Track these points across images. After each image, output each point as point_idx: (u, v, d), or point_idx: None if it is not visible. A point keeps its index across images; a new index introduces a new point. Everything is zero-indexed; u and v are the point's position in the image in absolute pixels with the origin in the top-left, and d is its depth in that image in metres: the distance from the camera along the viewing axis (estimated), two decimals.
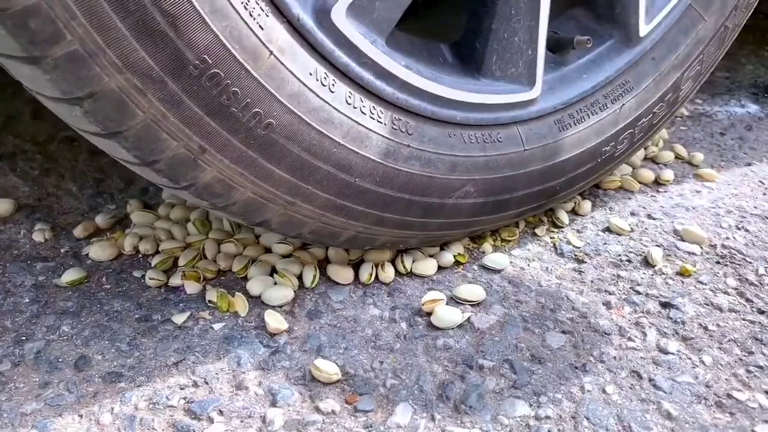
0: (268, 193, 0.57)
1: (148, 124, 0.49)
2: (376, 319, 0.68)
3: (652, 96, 0.79)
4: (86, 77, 0.46)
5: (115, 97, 0.47)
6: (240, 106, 0.51)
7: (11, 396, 0.58)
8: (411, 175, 0.63)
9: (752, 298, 0.72)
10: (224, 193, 0.56)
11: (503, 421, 0.57)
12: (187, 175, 0.54)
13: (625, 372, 0.62)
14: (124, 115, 0.48)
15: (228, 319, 0.67)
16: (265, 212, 0.59)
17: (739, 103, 1.25)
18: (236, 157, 0.53)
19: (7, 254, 0.77)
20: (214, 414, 0.57)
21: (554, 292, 0.72)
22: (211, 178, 0.54)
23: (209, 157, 0.53)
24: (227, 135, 0.52)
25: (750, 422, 0.57)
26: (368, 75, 0.58)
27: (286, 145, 0.55)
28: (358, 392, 0.59)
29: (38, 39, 0.43)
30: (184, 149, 0.52)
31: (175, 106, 0.49)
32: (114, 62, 0.45)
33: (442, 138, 0.64)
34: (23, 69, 0.46)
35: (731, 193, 0.93)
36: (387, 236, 0.68)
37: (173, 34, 0.46)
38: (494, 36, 0.67)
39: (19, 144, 0.99)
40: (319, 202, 0.60)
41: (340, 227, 0.64)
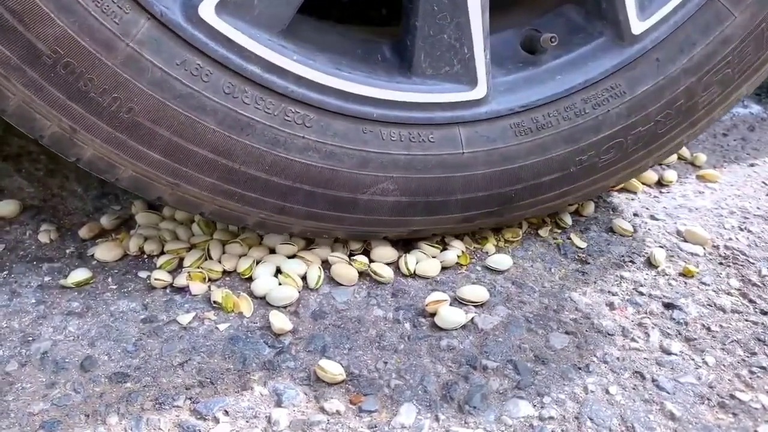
0: (149, 173, 0.62)
1: (21, 106, 0.56)
2: (380, 320, 0.68)
3: (654, 103, 0.72)
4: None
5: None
6: (98, 91, 0.56)
7: (18, 396, 0.58)
8: (308, 167, 0.64)
9: (755, 299, 0.72)
10: (108, 170, 0.62)
11: (507, 421, 0.57)
12: (70, 151, 0.60)
13: (628, 372, 0.62)
14: (1, 96, 0.56)
15: (233, 320, 0.68)
16: (154, 191, 0.64)
17: (741, 103, 1.25)
18: (106, 138, 0.59)
19: (13, 255, 0.77)
20: (220, 414, 0.57)
21: (557, 293, 0.72)
22: (91, 155, 0.60)
23: (82, 137, 0.58)
24: (92, 117, 0.57)
25: (753, 423, 0.57)
26: (254, 68, 0.60)
27: (153, 128, 0.59)
28: (363, 392, 0.60)
29: None
30: (59, 128, 0.58)
31: (38, 90, 0.55)
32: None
33: (353, 133, 0.65)
34: None
35: (734, 194, 0.93)
36: (300, 225, 0.69)
37: (22, 28, 0.52)
38: (420, 33, 0.65)
39: (24, 145, 1.00)
40: (204, 185, 0.63)
41: (240, 212, 0.66)
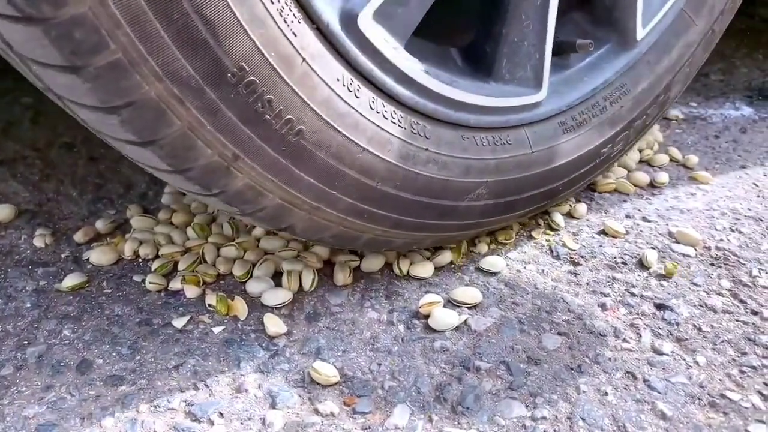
0: (296, 198, 0.57)
1: (185, 133, 0.49)
2: (374, 322, 0.69)
3: (647, 98, 0.81)
4: (126, 86, 0.45)
5: (154, 106, 0.47)
6: (274, 113, 0.51)
7: (14, 399, 0.59)
8: (429, 179, 0.64)
9: (746, 300, 0.72)
10: (254, 200, 0.56)
11: (499, 422, 0.57)
12: (219, 182, 0.54)
13: (620, 373, 0.63)
14: (162, 123, 0.48)
15: (227, 323, 0.68)
16: (290, 218, 0.60)
17: (733, 105, 1.26)
18: (268, 164, 0.54)
19: (9, 259, 0.78)
20: (215, 416, 0.57)
21: (550, 294, 0.73)
22: (242, 185, 0.55)
23: (242, 165, 0.53)
24: (260, 142, 0.52)
25: (743, 422, 0.58)
26: (390, 80, 0.59)
27: (315, 151, 0.55)
28: (357, 394, 0.60)
29: (82, 49, 0.43)
30: (218, 157, 0.52)
31: (212, 114, 0.49)
32: (155, 71, 0.45)
33: (457, 141, 0.65)
34: (59, 78, 0.46)
35: (725, 196, 0.94)
36: (404, 238, 0.69)
37: (213, 42, 0.46)
38: (505, 40, 0.68)
39: (20, 150, 1.00)
40: (343, 206, 0.60)
41: (361, 231, 0.65)
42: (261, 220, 0.60)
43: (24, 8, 0.41)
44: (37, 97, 1.16)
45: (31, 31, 0.42)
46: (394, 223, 0.65)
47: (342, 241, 0.66)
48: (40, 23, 0.41)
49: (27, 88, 1.18)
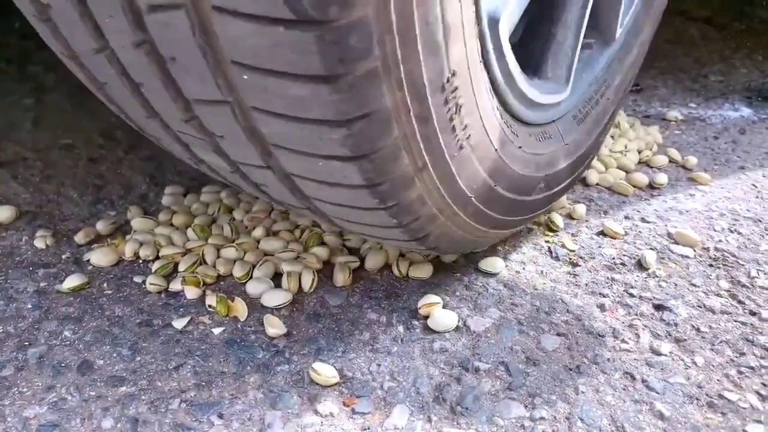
0: (446, 206, 0.57)
1: (397, 144, 0.47)
2: (374, 323, 0.69)
3: (620, 90, 0.86)
4: (372, 97, 0.42)
5: (385, 117, 0.44)
6: (459, 119, 0.51)
7: (15, 400, 0.59)
8: (520, 177, 0.65)
9: (744, 300, 0.73)
10: (415, 211, 0.55)
11: (498, 422, 0.58)
12: (399, 194, 0.51)
13: (618, 373, 0.63)
14: (383, 135, 0.45)
15: (228, 324, 0.68)
16: (431, 227, 0.58)
17: (732, 106, 1.27)
18: (441, 172, 0.53)
19: (9, 261, 0.78)
20: (215, 417, 0.58)
21: (549, 295, 0.73)
22: (415, 197, 0.53)
23: (424, 175, 0.51)
24: (443, 150, 0.51)
25: (741, 422, 0.58)
26: (501, 79, 0.59)
27: (471, 154, 0.55)
28: (356, 395, 0.60)
29: (350, 56, 0.39)
30: (411, 167, 0.50)
31: (423, 122, 0.47)
32: (399, 79, 0.43)
33: (529, 138, 0.67)
34: (295, 89, 0.41)
35: (724, 197, 0.94)
36: (491, 238, 0.71)
37: (444, 47, 0.44)
38: (554, 40, 0.70)
39: (20, 151, 1.00)
40: (471, 210, 0.60)
41: (475, 235, 0.66)
42: (406, 231, 0.57)
43: (307, 11, 0.36)
44: (37, 98, 1.16)
45: (297, 36, 0.38)
46: (494, 223, 0.66)
47: (458, 247, 0.67)
48: (317, 27, 0.37)
49: (28, 89, 1.19)
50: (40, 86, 1.20)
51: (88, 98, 1.16)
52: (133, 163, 0.99)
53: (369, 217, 0.55)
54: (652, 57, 1.47)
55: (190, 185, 0.93)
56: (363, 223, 0.58)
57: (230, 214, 0.86)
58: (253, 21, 0.38)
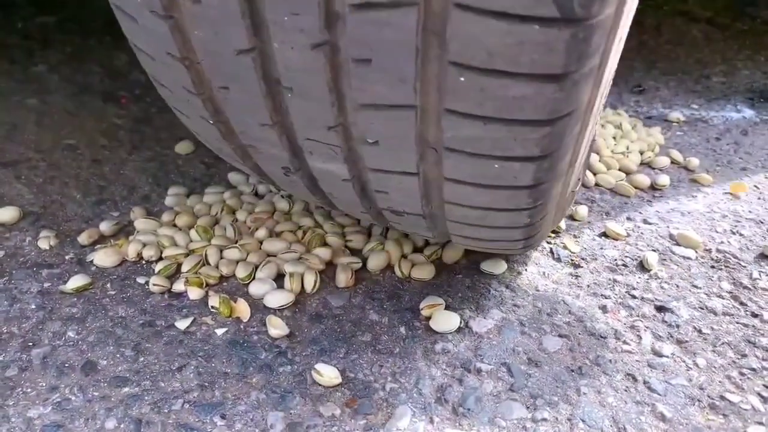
0: (562, 201, 0.57)
1: (573, 141, 0.47)
2: (376, 324, 0.69)
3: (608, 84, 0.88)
4: (582, 94, 0.43)
5: (580, 114, 0.45)
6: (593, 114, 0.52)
7: (19, 401, 0.59)
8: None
9: (746, 302, 0.73)
10: (550, 208, 0.55)
11: (500, 423, 0.58)
12: (550, 193, 0.52)
13: (620, 375, 0.63)
14: (570, 132, 0.45)
15: (230, 325, 0.69)
16: (543, 225, 0.58)
17: (735, 108, 1.27)
18: (573, 168, 0.54)
19: (13, 261, 0.78)
20: (218, 418, 0.58)
21: (551, 297, 0.73)
22: (558, 192, 0.54)
23: (569, 171, 0.51)
24: (582, 145, 0.52)
25: (743, 424, 0.58)
26: None
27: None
28: (359, 396, 0.60)
29: (586, 54, 0.39)
30: (567, 164, 0.50)
31: (591, 117, 0.48)
32: (602, 75, 0.44)
33: None
34: (520, 89, 0.41)
35: (726, 198, 0.94)
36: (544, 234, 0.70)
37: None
38: None
39: (23, 152, 1.01)
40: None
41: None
42: (526, 230, 0.57)
43: (575, 9, 0.36)
44: (41, 99, 1.16)
45: (550, 34, 0.37)
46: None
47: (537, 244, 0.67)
48: (575, 25, 0.37)
49: (31, 90, 1.19)
50: (43, 87, 1.20)
51: (92, 99, 1.16)
52: (136, 164, 0.99)
53: (505, 218, 0.54)
54: (654, 58, 1.47)
55: (192, 186, 0.93)
56: (490, 226, 0.57)
57: (233, 215, 0.86)
58: (504, 19, 0.37)
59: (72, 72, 1.21)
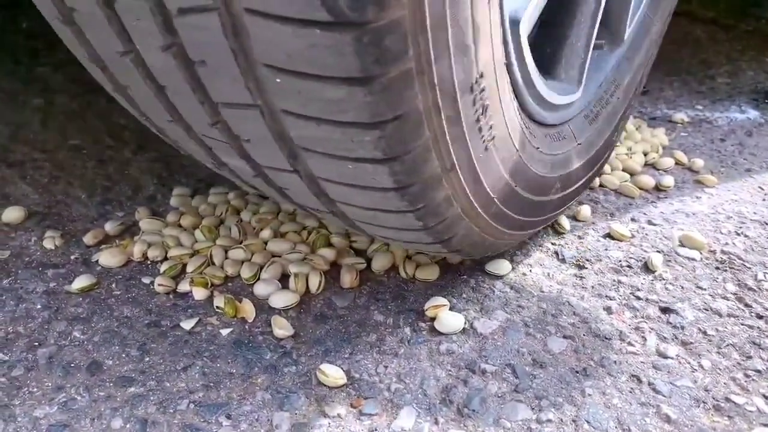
0: (471, 207, 0.57)
1: (427, 145, 0.47)
2: (381, 325, 0.69)
3: (630, 90, 0.87)
4: (404, 98, 0.43)
5: (417, 118, 0.44)
6: (485, 120, 0.51)
7: (25, 400, 0.59)
8: (539, 178, 0.66)
9: (751, 303, 0.73)
10: (442, 213, 0.55)
11: (505, 424, 0.58)
12: (428, 196, 0.52)
13: (625, 376, 0.63)
14: (415, 137, 0.46)
15: (235, 325, 0.69)
16: (457, 228, 0.58)
17: (739, 109, 1.26)
18: (467, 173, 0.53)
19: (19, 261, 0.78)
20: (223, 418, 0.58)
21: (555, 298, 0.73)
22: (442, 198, 0.53)
23: (452, 175, 0.52)
24: (470, 150, 0.52)
25: (748, 425, 0.58)
26: (520, 81, 0.59)
27: (495, 154, 0.56)
28: (363, 396, 0.61)
29: (385, 57, 0.39)
30: (440, 169, 0.50)
31: (453, 124, 0.48)
32: (432, 79, 0.43)
33: (545, 139, 0.67)
34: (329, 92, 0.41)
35: (731, 199, 0.94)
36: (510, 239, 0.70)
37: (473, 48, 0.45)
38: (567, 41, 0.71)
39: (29, 152, 1.01)
40: (493, 210, 0.60)
41: (495, 236, 0.65)
42: (431, 234, 0.57)
43: (345, 12, 0.37)
44: (46, 99, 1.17)
45: (333, 38, 0.38)
46: (513, 224, 0.66)
47: (478, 250, 0.67)
48: (354, 29, 0.38)
49: (36, 90, 1.19)
50: (48, 87, 1.21)
51: (96, 99, 1.16)
52: (141, 164, 0.99)
53: (395, 220, 0.55)
54: (658, 59, 1.47)
55: (197, 186, 0.93)
56: (388, 227, 0.58)
57: (238, 215, 0.86)
58: (288, 23, 0.37)
59: (77, 72, 1.22)
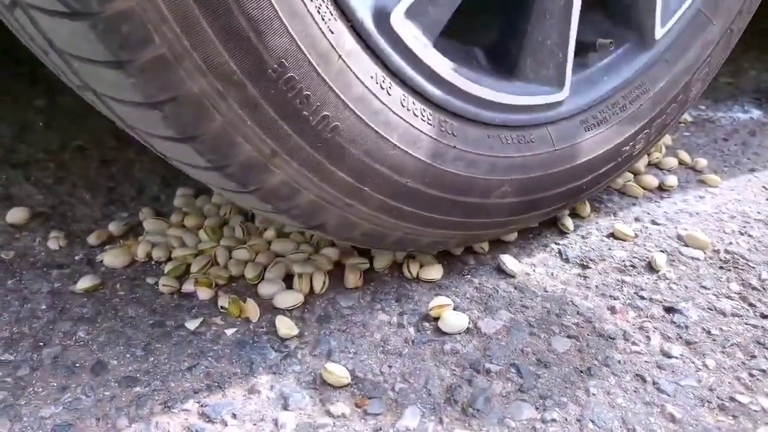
0: (330, 195, 0.58)
1: (225, 129, 0.50)
2: (385, 324, 0.69)
3: (666, 97, 0.81)
4: (170, 81, 0.46)
5: (196, 101, 0.48)
6: (311, 109, 0.53)
7: (30, 400, 0.60)
8: (456, 176, 0.65)
9: (755, 303, 0.73)
10: (289, 197, 0.57)
11: (510, 424, 0.58)
12: (257, 178, 0.55)
13: (629, 376, 0.63)
14: (203, 119, 0.49)
15: (240, 325, 0.69)
16: (323, 215, 0.61)
17: (742, 108, 1.26)
18: (304, 161, 0.55)
19: (23, 261, 0.79)
20: (228, 417, 0.58)
21: (559, 298, 0.73)
22: (278, 182, 0.55)
23: (279, 161, 0.54)
24: (298, 138, 0.53)
25: (752, 425, 0.58)
26: (420, 78, 0.60)
27: (349, 147, 0.56)
28: (368, 396, 0.61)
29: (129, 43, 0.44)
30: (257, 153, 0.53)
31: (252, 109, 0.50)
32: (198, 66, 0.46)
33: (483, 140, 0.66)
34: (102, 73, 0.46)
35: (734, 199, 0.94)
36: (431, 236, 0.69)
37: (255, 37, 0.47)
38: (529, 39, 0.69)
39: (33, 153, 1.01)
40: (374, 203, 0.61)
41: (391, 228, 0.65)
42: (294, 217, 0.60)
43: (70, 3, 0.41)
44: (50, 100, 1.17)
45: (77, 26, 0.43)
46: (425, 221, 0.66)
47: (371, 240, 0.67)
48: (87, 18, 0.42)
49: (40, 91, 1.20)
50: (51, 88, 1.21)
51: None
52: (145, 164, 0.99)
53: (248, 200, 0.58)
54: None
55: (201, 187, 0.93)
56: (254, 208, 0.62)
57: (241, 215, 0.86)
58: (51, 15, 0.43)
59: None
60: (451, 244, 0.75)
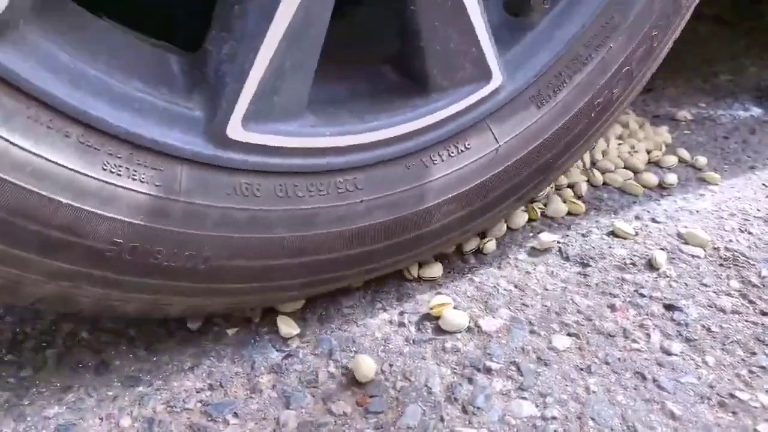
0: (236, 303, 0.63)
1: (99, 301, 0.56)
2: (385, 324, 0.70)
3: (647, 20, 0.70)
4: None
5: None
6: (169, 257, 0.56)
7: (34, 400, 0.60)
8: (379, 224, 0.65)
9: (755, 300, 0.73)
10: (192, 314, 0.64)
11: (510, 421, 0.58)
12: (157, 313, 0.61)
13: (629, 373, 0.63)
14: (74, 304, 0.56)
15: (241, 325, 0.69)
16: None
17: (742, 106, 1.26)
18: (193, 292, 0.59)
19: None
20: (230, 416, 0.58)
21: (559, 296, 0.74)
22: (180, 310, 0.61)
23: (168, 300, 0.59)
24: (172, 282, 0.57)
25: (752, 421, 0.58)
26: (295, 160, 0.58)
27: (232, 263, 0.59)
28: (369, 394, 0.61)
29: None
30: (142, 303, 0.58)
31: (113, 285, 0.55)
32: None
33: (401, 174, 0.64)
34: None
35: (734, 196, 0.94)
36: (383, 270, 0.71)
37: (76, 238, 0.50)
38: (428, 51, 0.62)
39: None
40: (295, 286, 0.65)
41: (337, 282, 0.68)
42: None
43: None
44: None
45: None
46: (363, 272, 0.68)
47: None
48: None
49: None
50: None
51: None
52: None
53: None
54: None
55: None
56: None
57: None
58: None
59: None
60: (414, 262, 0.74)
